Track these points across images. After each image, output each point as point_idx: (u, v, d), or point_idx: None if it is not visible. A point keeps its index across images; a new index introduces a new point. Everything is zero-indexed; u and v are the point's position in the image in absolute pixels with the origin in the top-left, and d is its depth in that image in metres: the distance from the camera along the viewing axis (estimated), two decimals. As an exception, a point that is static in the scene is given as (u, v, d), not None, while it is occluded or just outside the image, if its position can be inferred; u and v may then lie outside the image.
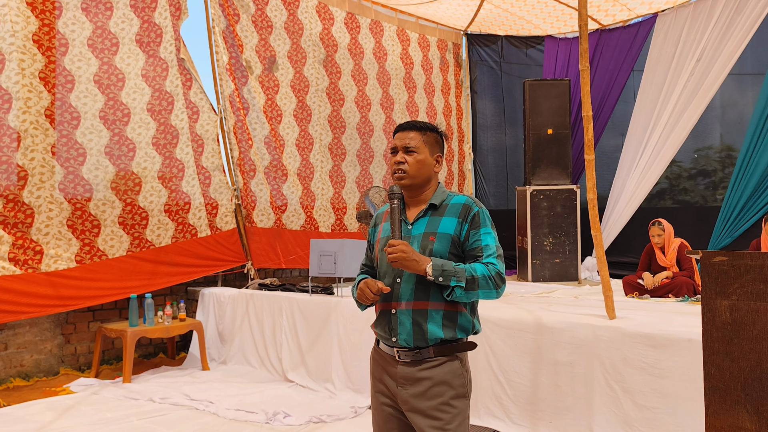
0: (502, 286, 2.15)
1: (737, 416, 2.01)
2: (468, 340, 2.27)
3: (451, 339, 2.21)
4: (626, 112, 8.45)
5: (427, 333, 2.19)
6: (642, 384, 3.68)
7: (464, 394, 2.23)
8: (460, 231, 2.23)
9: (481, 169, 9.68)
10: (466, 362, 2.25)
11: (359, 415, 4.53)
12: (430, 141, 2.33)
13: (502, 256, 2.22)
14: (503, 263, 2.21)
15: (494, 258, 2.19)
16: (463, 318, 2.22)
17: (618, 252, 8.11)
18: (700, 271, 2.14)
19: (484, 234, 2.23)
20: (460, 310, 2.21)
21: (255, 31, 7.01)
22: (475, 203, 2.27)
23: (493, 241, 2.22)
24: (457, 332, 2.21)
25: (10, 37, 5.12)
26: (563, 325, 4.04)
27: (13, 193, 5.13)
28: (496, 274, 2.15)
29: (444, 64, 9.35)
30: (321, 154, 7.64)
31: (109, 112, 5.75)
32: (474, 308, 2.27)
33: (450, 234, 2.23)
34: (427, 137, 2.32)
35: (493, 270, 2.15)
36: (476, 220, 2.23)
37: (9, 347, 5.29)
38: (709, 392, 2.07)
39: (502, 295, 2.17)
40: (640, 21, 8.45)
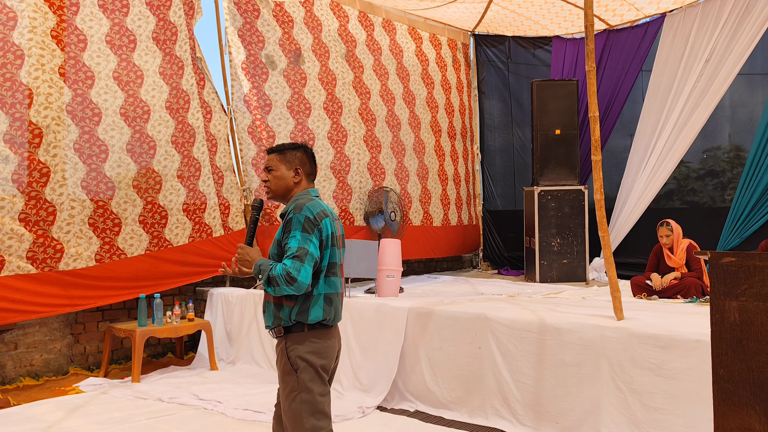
0: (293, 285, 2.48)
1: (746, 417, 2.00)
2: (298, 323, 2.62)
3: (277, 325, 2.64)
4: (635, 113, 8.42)
5: (264, 319, 2.72)
6: (650, 385, 3.67)
7: (288, 371, 2.62)
8: (282, 235, 2.64)
9: (489, 169, 9.67)
10: (299, 342, 2.61)
11: (367, 415, 4.54)
12: (287, 158, 2.77)
13: (301, 257, 2.52)
14: (301, 263, 2.51)
15: (289, 259, 2.52)
16: (284, 311, 2.62)
17: (626, 253, 8.08)
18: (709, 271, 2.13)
19: (291, 237, 2.57)
20: (284, 304, 2.62)
21: (277, 25, 7.03)
22: (293, 210, 2.62)
23: (296, 243, 2.55)
24: (282, 321, 2.62)
25: (29, 33, 5.14)
26: (571, 325, 4.04)
27: (35, 190, 5.13)
28: (285, 273, 2.49)
29: (456, 63, 9.36)
30: (357, 147, 7.66)
31: (129, 109, 5.75)
32: (309, 301, 2.61)
33: (277, 239, 2.67)
34: (284, 156, 2.78)
35: (283, 270, 2.50)
36: (289, 226, 2.61)
37: (19, 347, 5.32)
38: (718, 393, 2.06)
39: (300, 291, 2.51)
40: (648, 21, 8.42)
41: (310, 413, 2.59)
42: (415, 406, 4.67)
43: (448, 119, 9.14)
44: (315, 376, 2.62)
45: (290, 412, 2.60)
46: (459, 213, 9.21)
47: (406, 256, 7.64)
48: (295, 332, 2.62)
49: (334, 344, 2.73)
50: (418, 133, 8.58)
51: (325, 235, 2.64)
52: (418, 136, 8.57)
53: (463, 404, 4.44)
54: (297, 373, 2.60)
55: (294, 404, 2.59)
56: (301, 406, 2.58)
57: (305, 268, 2.51)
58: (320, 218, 2.63)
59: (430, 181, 8.71)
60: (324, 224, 2.64)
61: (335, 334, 2.75)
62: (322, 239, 2.63)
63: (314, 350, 2.62)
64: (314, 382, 2.61)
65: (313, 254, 2.56)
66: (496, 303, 5.00)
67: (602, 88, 8.58)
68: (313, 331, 2.63)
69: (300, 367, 2.60)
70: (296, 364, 2.60)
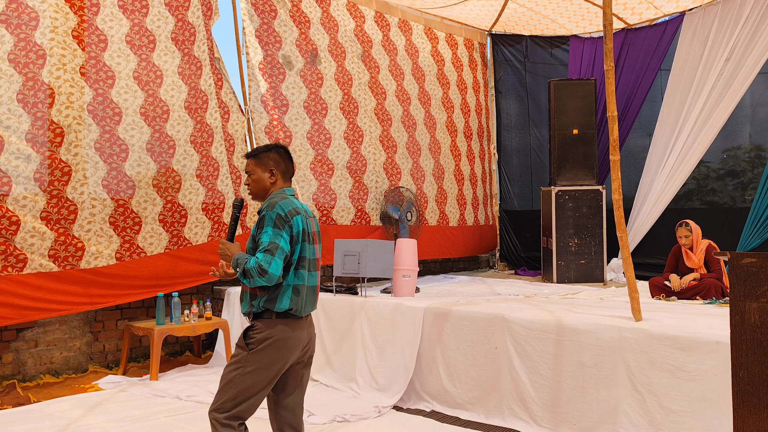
0: (264, 276, 2.70)
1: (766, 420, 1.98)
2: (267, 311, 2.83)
3: (249, 311, 2.88)
4: (653, 112, 8.35)
5: (241, 307, 2.95)
6: (669, 387, 3.65)
7: (242, 345, 2.85)
8: (256, 231, 2.86)
9: (506, 169, 9.64)
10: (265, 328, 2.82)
11: (383, 415, 4.54)
12: (262, 161, 2.98)
13: (272, 251, 2.73)
14: (272, 257, 2.72)
15: (261, 252, 2.74)
16: (256, 299, 2.84)
17: (644, 253, 8.01)
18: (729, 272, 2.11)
19: (264, 233, 2.79)
20: (257, 294, 2.84)
21: (294, 26, 7.05)
22: (267, 208, 2.84)
23: (267, 238, 2.76)
24: (255, 307, 2.84)
25: (50, 32, 5.20)
26: (588, 326, 4.02)
27: (56, 189, 5.19)
28: (257, 265, 2.70)
29: (473, 63, 9.34)
30: (373, 147, 7.67)
31: (149, 108, 5.80)
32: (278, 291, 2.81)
33: (252, 234, 2.89)
34: (259, 159, 2.99)
35: (256, 263, 2.71)
36: (262, 222, 2.83)
37: (39, 344, 5.39)
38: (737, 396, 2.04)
39: (271, 282, 2.72)
40: (667, 20, 8.34)
41: (242, 388, 2.79)
42: (431, 406, 4.67)
43: (464, 119, 9.12)
44: (267, 361, 2.80)
45: (228, 376, 2.82)
46: (475, 213, 9.19)
47: (422, 256, 7.63)
48: (264, 318, 2.84)
49: (300, 335, 2.89)
50: (434, 133, 8.57)
51: (296, 231, 2.84)
52: (434, 136, 8.56)
53: (480, 405, 4.44)
54: (250, 352, 2.81)
55: (233, 373, 2.81)
56: (237, 378, 2.80)
57: (275, 261, 2.72)
58: (291, 215, 2.83)
59: (446, 181, 8.69)
60: (295, 221, 2.84)
61: (304, 325, 2.92)
62: (292, 235, 2.83)
63: (279, 337, 2.82)
64: (263, 366, 2.80)
65: (284, 248, 2.77)
66: (513, 303, 4.99)
67: (620, 88, 8.51)
68: (280, 319, 2.84)
69: (257, 347, 2.80)
70: (255, 344, 2.81)
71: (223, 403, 2.80)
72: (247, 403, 2.81)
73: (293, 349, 2.87)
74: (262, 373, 2.80)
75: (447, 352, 4.65)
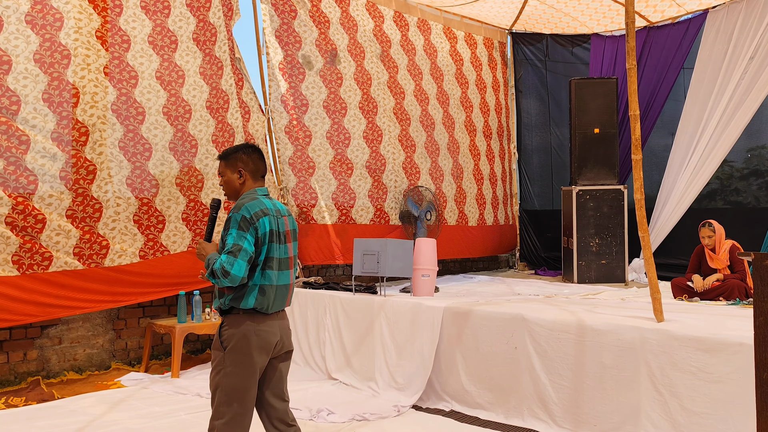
0: (227, 277, 2.77)
1: (791, 423, 1.96)
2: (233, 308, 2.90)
3: (218, 308, 2.96)
4: (676, 111, 8.26)
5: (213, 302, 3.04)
6: (691, 388, 3.61)
7: (218, 347, 2.92)
8: (224, 233, 2.91)
9: (526, 168, 9.60)
10: (232, 324, 2.90)
11: (402, 414, 4.55)
12: (231, 162, 3.04)
13: (234, 253, 2.79)
14: (235, 258, 2.78)
15: (224, 254, 2.81)
16: (224, 297, 2.91)
17: (666, 254, 7.94)
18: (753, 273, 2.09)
19: (228, 235, 2.86)
20: (225, 292, 2.91)
21: (314, 26, 7.09)
22: (233, 210, 2.90)
23: (231, 240, 2.83)
24: (223, 305, 2.92)
25: (75, 33, 5.28)
26: (609, 327, 3.99)
27: (82, 187, 5.26)
28: (221, 267, 2.78)
29: (492, 62, 9.31)
30: (392, 146, 7.68)
31: (172, 108, 5.86)
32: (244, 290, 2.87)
33: (222, 235, 2.93)
34: (228, 161, 3.05)
35: (220, 264, 2.79)
36: (228, 224, 2.89)
37: (63, 341, 5.47)
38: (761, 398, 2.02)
39: (234, 282, 2.79)
40: (690, 17, 8.25)
41: (231, 387, 2.86)
42: (450, 405, 4.67)
43: (483, 118, 9.09)
44: (242, 356, 2.87)
45: (215, 382, 2.91)
46: (495, 213, 9.16)
47: (442, 255, 7.62)
48: (232, 314, 2.92)
49: (270, 328, 2.95)
50: (452, 133, 8.55)
51: (262, 232, 2.89)
52: (452, 135, 8.55)
53: (499, 405, 4.43)
54: (225, 350, 2.89)
55: (218, 377, 2.89)
56: (224, 379, 2.87)
57: (238, 262, 2.79)
58: (257, 217, 2.88)
59: (465, 181, 8.68)
60: (261, 222, 2.88)
61: (273, 319, 2.97)
62: (258, 237, 2.88)
63: (247, 332, 2.89)
64: (240, 361, 2.87)
65: (247, 250, 2.82)
66: (533, 304, 4.97)
67: (642, 86, 8.43)
68: (248, 315, 2.91)
69: (230, 345, 2.88)
70: (226, 342, 2.89)
71: (217, 408, 2.87)
72: (241, 404, 2.85)
73: (265, 342, 2.92)
74: (242, 369, 2.87)
75: (466, 352, 4.64)
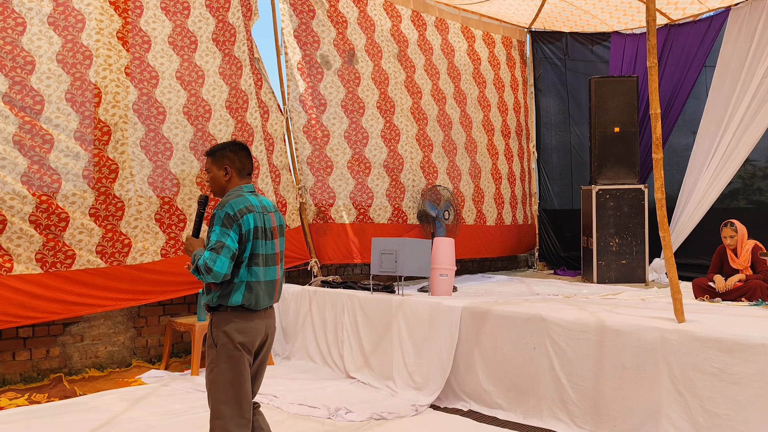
0: (210, 273, 2.80)
1: (815, 425, 1.93)
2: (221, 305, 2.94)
3: (206, 304, 2.99)
4: (697, 110, 8.17)
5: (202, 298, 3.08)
6: (712, 390, 3.57)
7: (211, 345, 2.95)
8: (209, 230, 2.93)
9: (545, 168, 9.54)
10: (221, 321, 2.93)
11: (420, 414, 4.54)
12: (217, 160, 3.06)
13: (217, 249, 2.82)
14: (218, 255, 2.81)
15: (207, 251, 2.84)
16: (211, 294, 2.95)
17: (688, 254, 7.86)
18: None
19: (212, 232, 2.88)
20: (212, 288, 2.95)
21: (332, 26, 7.10)
22: (218, 207, 2.92)
23: (215, 237, 2.86)
24: (211, 302, 2.95)
25: (96, 34, 5.34)
26: (629, 327, 3.96)
27: (104, 186, 5.32)
28: (203, 264, 2.81)
29: (510, 61, 9.27)
30: (409, 145, 7.68)
31: (192, 108, 5.91)
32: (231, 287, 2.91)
33: (207, 232, 2.95)
34: (214, 158, 3.07)
35: (203, 260, 2.82)
36: (212, 221, 2.91)
37: (85, 339, 5.53)
38: (785, 399, 1.99)
39: (217, 279, 2.82)
40: (711, 15, 8.15)
41: (227, 384, 2.90)
42: (468, 405, 4.66)
43: (502, 118, 9.05)
44: (233, 352, 2.91)
45: (209, 380, 2.95)
46: (513, 212, 9.12)
47: (460, 255, 7.60)
48: (220, 312, 2.95)
49: (257, 326, 2.99)
50: (470, 132, 8.52)
51: (246, 229, 2.90)
52: (470, 135, 8.52)
53: (518, 405, 4.41)
54: (217, 348, 2.93)
55: (212, 374, 2.93)
56: (218, 377, 2.91)
57: (221, 259, 2.81)
58: (241, 214, 2.90)
59: (482, 180, 8.65)
60: (245, 219, 2.90)
61: (260, 317, 3.01)
62: (241, 233, 2.89)
63: (236, 328, 2.92)
64: (231, 357, 2.91)
65: (230, 247, 2.84)
66: (552, 303, 4.94)
67: (663, 85, 8.35)
68: (235, 312, 2.94)
69: (220, 342, 2.92)
70: (217, 339, 2.92)
71: (215, 407, 2.92)
72: (237, 400, 2.90)
73: (251, 340, 2.96)
74: (235, 365, 2.91)
75: (485, 351, 4.62)
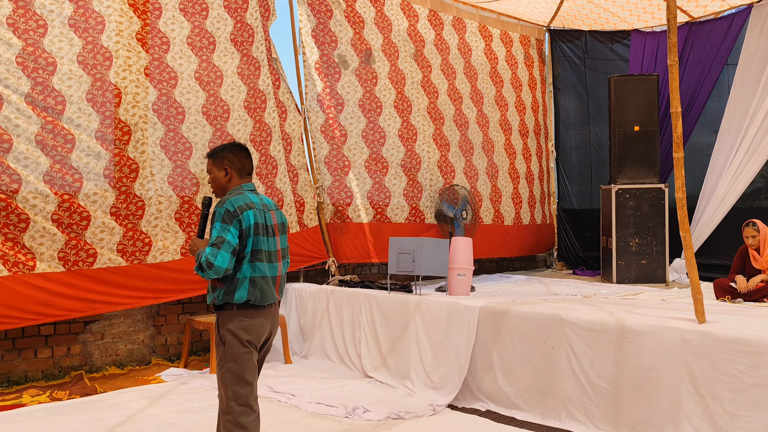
0: (212, 269, 2.87)
1: (839, 428, 1.90)
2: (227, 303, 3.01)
3: (212, 302, 3.06)
4: (719, 108, 8.07)
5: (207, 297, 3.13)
6: (734, 391, 3.53)
7: (218, 343, 3.02)
8: (210, 227, 3.00)
9: (564, 167, 9.48)
10: (227, 320, 3.00)
11: (438, 413, 4.54)
12: (217, 161, 3.15)
13: (218, 245, 2.89)
14: (218, 250, 2.87)
15: (209, 247, 2.90)
16: (216, 291, 3.02)
17: (709, 254, 7.77)
18: (799, 274, 2.03)
19: (213, 228, 2.95)
20: (217, 285, 3.01)
21: (349, 26, 7.12)
22: (218, 204, 3.00)
23: (215, 233, 2.92)
24: (217, 300, 3.02)
25: (116, 36, 5.40)
26: (649, 328, 3.92)
27: (125, 185, 5.37)
28: (205, 260, 2.88)
29: (528, 60, 9.22)
30: (426, 145, 7.68)
31: (211, 108, 5.95)
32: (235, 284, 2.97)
33: (210, 229, 3.02)
34: (215, 159, 3.16)
35: (205, 256, 2.88)
36: (214, 218, 2.99)
37: (105, 337, 5.59)
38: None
39: (219, 274, 2.88)
40: (733, 12, 8.05)
41: (235, 380, 2.98)
42: (486, 405, 4.64)
43: (519, 117, 9.00)
44: (241, 349, 2.99)
45: (219, 377, 3.03)
46: (532, 212, 9.07)
47: (477, 255, 7.57)
48: (225, 310, 3.02)
49: (263, 322, 3.07)
50: (486, 132, 8.49)
51: (246, 225, 2.98)
52: (486, 134, 8.48)
53: (536, 405, 4.38)
54: (225, 346, 3.00)
55: (221, 372, 3.01)
56: (227, 374, 2.99)
57: (221, 254, 2.88)
58: (242, 210, 2.98)
59: (500, 180, 8.61)
60: (245, 216, 2.98)
61: (265, 313, 3.08)
62: (242, 229, 2.97)
63: (241, 327, 3.00)
64: (239, 354, 2.99)
65: (231, 242, 2.91)
66: (571, 304, 4.91)
67: (684, 83, 8.27)
68: (241, 310, 3.01)
69: (227, 340, 2.99)
70: (224, 337, 3.00)
71: (226, 402, 3.00)
72: (245, 393, 2.99)
73: (257, 336, 3.05)
74: (241, 360, 2.99)
75: (503, 351, 4.61)
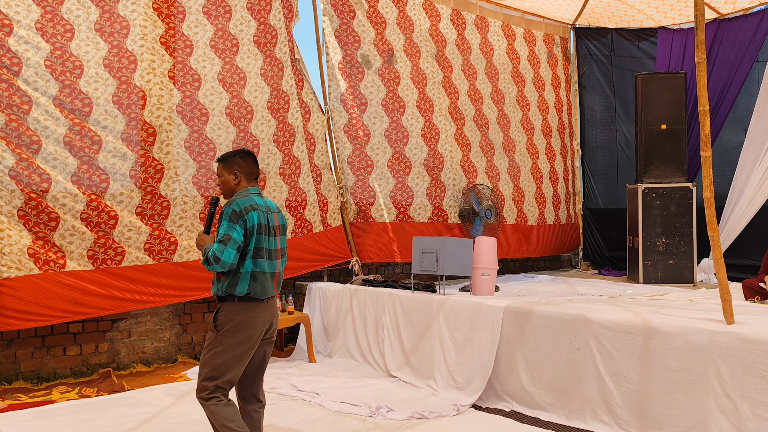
0: (218, 263, 3.10)
1: None
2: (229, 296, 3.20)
3: (216, 294, 3.26)
4: (749, 106, 7.93)
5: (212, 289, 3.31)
6: (763, 394, 3.47)
7: (212, 328, 3.22)
8: (218, 225, 3.24)
9: (590, 166, 9.39)
10: (228, 310, 3.20)
11: (461, 413, 4.53)
12: (228, 165, 3.39)
13: (225, 242, 3.12)
14: (225, 246, 3.11)
15: (216, 243, 3.14)
16: (220, 284, 3.23)
17: (738, 254, 7.64)
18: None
19: (220, 226, 3.19)
20: (221, 278, 3.23)
21: (371, 26, 7.13)
22: (226, 205, 3.22)
23: (223, 231, 3.16)
24: (220, 291, 3.23)
25: (140, 39, 5.49)
26: (676, 329, 3.87)
27: (150, 185, 5.46)
28: (212, 254, 3.11)
29: (552, 59, 9.14)
30: (449, 144, 7.67)
31: (234, 109, 6.01)
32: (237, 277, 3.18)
33: (217, 227, 3.25)
34: (225, 164, 3.40)
35: (212, 252, 3.12)
36: (221, 217, 3.22)
37: (132, 335, 5.67)
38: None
39: (225, 268, 3.11)
40: (763, 8, 7.91)
41: (217, 366, 3.16)
42: (510, 406, 4.62)
43: (542, 116, 8.93)
44: (230, 341, 3.17)
45: (203, 359, 3.21)
46: (556, 212, 9.00)
47: (501, 255, 7.54)
48: (228, 301, 3.22)
49: (263, 315, 3.27)
50: (507, 132, 8.43)
51: (250, 225, 3.20)
52: (507, 134, 8.42)
53: (561, 406, 4.35)
54: (217, 332, 3.19)
55: (207, 355, 3.20)
56: (211, 359, 3.17)
57: (227, 250, 3.11)
58: (247, 211, 3.20)
59: (522, 180, 8.55)
60: (250, 216, 3.20)
61: (265, 307, 3.29)
62: (246, 228, 3.19)
63: (242, 319, 3.19)
64: (226, 345, 3.17)
65: (236, 239, 3.14)
66: (597, 304, 4.86)
67: (713, 81, 8.14)
68: (242, 303, 3.21)
69: (223, 328, 3.18)
70: (221, 325, 3.19)
71: (201, 382, 3.18)
72: (222, 379, 3.15)
73: (256, 328, 3.23)
74: (230, 351, 3.17)
75: (527, 352, 4.58)
